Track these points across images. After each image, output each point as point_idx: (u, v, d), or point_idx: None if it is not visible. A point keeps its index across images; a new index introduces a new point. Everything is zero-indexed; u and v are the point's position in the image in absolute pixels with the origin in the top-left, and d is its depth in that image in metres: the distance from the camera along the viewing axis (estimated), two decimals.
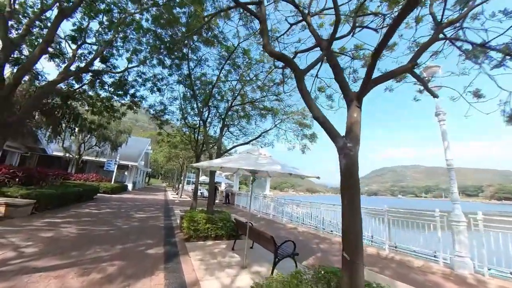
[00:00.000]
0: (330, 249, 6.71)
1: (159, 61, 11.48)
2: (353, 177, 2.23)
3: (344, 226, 2.23)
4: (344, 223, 2.22)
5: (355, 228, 2.16)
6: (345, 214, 2.22)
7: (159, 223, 8.48)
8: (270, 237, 4.12)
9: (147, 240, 5.99)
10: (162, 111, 13.23)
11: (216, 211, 8.17)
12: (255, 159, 4.22)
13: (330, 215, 10.00)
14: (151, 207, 13.37)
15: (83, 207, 10.35)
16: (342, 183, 2.27)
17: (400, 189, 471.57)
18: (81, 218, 7.84)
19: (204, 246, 5.88)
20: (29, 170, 10.84)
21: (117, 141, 22.69)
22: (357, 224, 2.15)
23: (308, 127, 9.88)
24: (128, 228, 7.20)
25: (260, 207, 14.35)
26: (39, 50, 7.00)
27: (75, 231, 6.14)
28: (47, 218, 7.34)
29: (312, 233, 9.14)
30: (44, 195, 8.13)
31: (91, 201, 13.10)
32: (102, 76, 11.91)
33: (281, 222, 11.22)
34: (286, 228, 10.02)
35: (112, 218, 8.46)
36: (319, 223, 11.21)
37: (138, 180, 34.04)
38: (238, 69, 8.55)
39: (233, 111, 10.23)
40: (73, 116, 14.11)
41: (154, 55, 11.29)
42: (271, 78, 8.28)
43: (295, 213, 12.90)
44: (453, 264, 5.30)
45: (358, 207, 2.19)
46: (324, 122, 2.48)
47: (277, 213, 13.01)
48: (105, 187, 18.36)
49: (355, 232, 2.16)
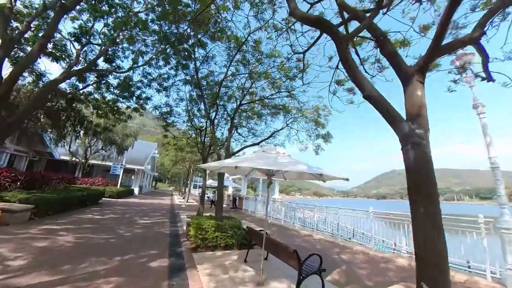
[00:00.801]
0: (353, 260, 5.98)
1: (165, 62, 11.10)
2: (428, 176, 1.58)
3: (419, 244, 1.57)
4: (420, 240, 1.57)
5: (437, 246, 1.49)
6: (420, 228, 1.57)
7: (164, 230, 7.90)
8: (293, 251, 3.45)
9: (150, 250, 5.39)
10: (168, 113, 12.80)
11: (225, 217, 7.54)
12: (274, 158, 3.59)
13: (348, 221, 9.25)
14: (157, 212, 12.84)
15: (86, 213, 9.88)
16: (412, 184, 1.61)
17: None
18: (82, 225, 7.33)
19: (213, 258, 5.25)
20: (31, 174, 10.48)
21: (123, 144, 22.42)
22: (439, 242, 1.49)
23: (322, 125, 9.19)
24: (131, 236, 6.63)
25: (270, 212, 13.63)
26: (38, 46, 6.59)
27: (73, 239, 5.61)
28: (46, 224, 6.85)
29: (330, 240, 8.39)
30: (44, 200, 7.68)
31: (96, 206, 12.67)
32: (106, 76, 11.58)
33: (294, 228, 10.49)
34: (300, 235, 9.29)
35: (114, 225, 7.93)
36: (335, 230, 10.44)
37: (144, 184, 33.79)
38: (248, 65, 7.97)
39: (242, 110, 9.65)
40: (78, 119, 13.84)
41: (160, 56, 10.91)
42: (285, 72, 7.65)
43: (307, 218, 12.16)
44: (505, 279, 4.50)
45: (439, 218, 1.53)
46: (380, 101, 1.85)
47: (289, 219, 12.28)
48: (111, 191, 17.99)
49: (437, 253, 1.50)
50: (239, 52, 7.49)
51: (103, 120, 16.04)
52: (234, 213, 15.33)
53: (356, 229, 10.48)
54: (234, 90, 9.65)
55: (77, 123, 14.12)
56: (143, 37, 11.05)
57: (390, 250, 8.10)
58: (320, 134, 9.07)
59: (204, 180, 13.40)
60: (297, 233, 9.68)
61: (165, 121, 12.94)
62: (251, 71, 8.31)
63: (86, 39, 9.44)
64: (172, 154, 24.97)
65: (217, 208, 7.24)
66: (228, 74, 8.15)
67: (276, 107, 8.95)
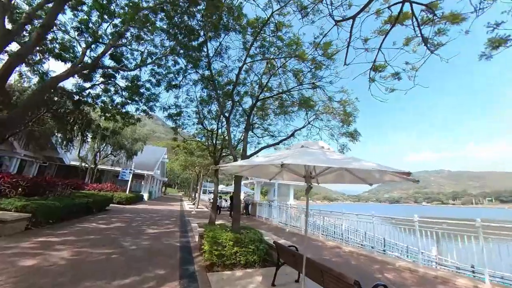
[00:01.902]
0: (405, 282, 4.85)
1: (174, 62, 10.46)
2: None
3: None
4: None
5: None
6: None
7: (174, 242, 6.99)
8: (354, 283, 2.44)
9: (157, 269, 4.48)
10: (178, 114, 12.11)
11: (243, 227, 6.56)
12: (323, 154, 2.63)
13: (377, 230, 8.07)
14: (166, 219, 12.00)
15: (91, 221, 9.14)
16: None
17: (424, 196, 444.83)
18: (83, 236, 6.53)
19: (233, 279, 4.27)
20: (35, 179, 9.88)
21: (132, 149, 21.96)
22: None
23: (348, 122, 8.13)
24: (136, 249, 5.75)
25: (287, 219, 12.54)
26: (36, 36, 5.96)
27: (68, 255, 4.77)
28: (42, 236, 6.08)
29: (363, 254, 7.23)
30: (43, 207, 6.96)
31: (103, 213, 11.97)
32: (114, 77, 10.99)
33: (318, 238, 9.36)
34: (327, 246, 8.18)
35: (119, 235, 7.09)
36: (367, 240, 9.26)
37: (154, 189, 33.33)
38: (268, 52, 7.05)
39: (258, 108, 8.74)
40: (85, 122, 13.34)
41: (169, 56, 10.26)
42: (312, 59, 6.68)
43: (330, 227, 11.01)
44: None
45: None
46: None
47: (310, 227, 11.15)
48: (119, 197, 17.38)
49: None
50: (260, 36, 6.59)
51: (112, 124, 15.59)
52: (247, 221, 14.33)
53: (388, 239, 9.31)
54: (250, 85, 8.77)
55: (84, 126, 13.64)
56: (151, 37, 10.48)
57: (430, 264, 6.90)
58: (347, 132, 8.01)
59: (215, 185, 12.51)
60: (322, 244, 8.57)
61: (174, 122, 12.26)
62: (270, 61, 7.41)
63: (90, 34, 8.86)
64: (182, 159, 24.32)
65: (234, 218, 6.28)
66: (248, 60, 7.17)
67: (296, 103, 7.97)
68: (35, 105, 6.35)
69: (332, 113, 8.21)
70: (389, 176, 3.31)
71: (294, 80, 7.81)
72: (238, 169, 3.72)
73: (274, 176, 4.68)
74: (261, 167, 4.09)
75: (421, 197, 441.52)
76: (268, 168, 4.23)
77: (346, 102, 7.87)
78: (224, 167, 3.49)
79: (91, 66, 8.50)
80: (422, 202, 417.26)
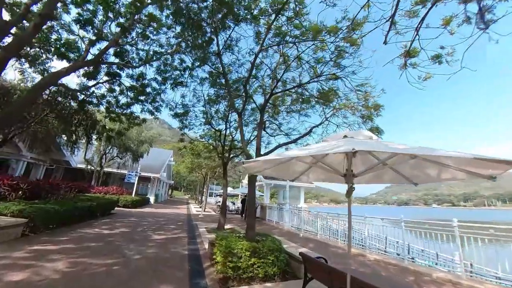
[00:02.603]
0: None
1: (180, 61, 10.01)
2: None
3: None
4: None
5: None
6: None
7: (181, 249, 6.37)
8: None
9: (164, 284, 3.86)
10: (184, 114, 11.62)
11: (258, 233, 5.90)
12: (382, 143, 1.97)
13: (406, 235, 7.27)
14: (173, 224, 11.43)
15: (94, 226, 8.62)
16: None
17: (434, 198, 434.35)
18: (84, 243, 5.98)
19: None
20: (37, 182, 9.46)
21: (138, 151, 21.60)
22: None
23: (370, 119, 7.42)
24: (140, 259, 5.15)
25: (300, 223, 11.80)
26: (33, 26, 5.49)
27: (64, 267, 4.19)
28: (39, 243, 5.55)
29: (392, 262, 6.47)
30: (42, 212, 6.45)
31: (107, 217, 11.48)
32: (119, 76, 10.56)
33: (337, 244, 8.60)
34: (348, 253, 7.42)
35: (123, 242, 6.52)
36: (391, 247, 8.47)
37: (161, 192, 32.96)
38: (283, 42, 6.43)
39: (271, 103, 8.12)
40: (90, 123, 12.95)
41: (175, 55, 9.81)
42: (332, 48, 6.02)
43: (344, 231, 10.20)
44: None
45: None
46: None
47: (325, 232, 10.39)
48: (125, 200, 16.94)
49: None
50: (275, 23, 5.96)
51: (118, 125, 15.21)
52: (257, 225, 13.61)
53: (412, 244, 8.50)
54: (262, 80, 8.15)
55: (89, 127, 13.26)
56: (156, 36, 10.07)
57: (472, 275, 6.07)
58: (370, 129, 7.28)
59: (224, 188, 11.90)
60: (343, 251, 7.81)
61: (181, 122, 11.78)
62: (284, 53, 6.78)
63: (93, 29, 8.42)
64: (188, 161, 23.84)
65: (248, 223, 5.61)
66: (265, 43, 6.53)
67: (314, 97, 7.29)
68: (32, 101, 5.86)
69: (352, 107, 7.50)
70: (451, 173, 2.63)
71: (310, 73, 7.15)
72: (263, 165, 3.09)
73: (298, 176, 4.02)
74: (288, 165, 3.44)
75: (430, 199, 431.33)
76: (295, 165, 3.58)
77: (369, 95, 7.16)
78: (251, 162, 2.83)
79: (93, 62, 8.03)
80: (432, 204, 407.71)
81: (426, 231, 6.32)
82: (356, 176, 2.83)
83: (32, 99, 6.00)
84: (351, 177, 2.78)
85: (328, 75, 6.41)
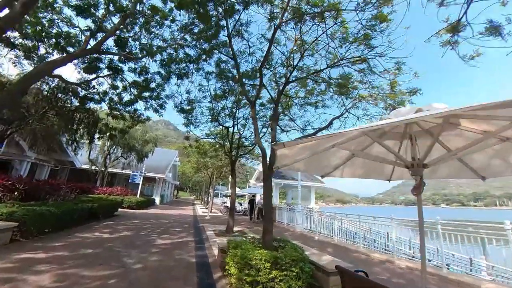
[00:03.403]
0: None
1: (185, 55, 9.39)
2: None
3: None
4: None
5: None
6: None
7: (188, 256, 5.68)
8: None
9: None
10: (190, 111, 11.03)
11: (276, 239, 5.15)
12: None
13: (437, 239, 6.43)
14: (179, 226, 10.77)
15: (94, 229, 8.02)
16: None
17: (442, 198, 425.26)
18: (79, 250, 5.34)
19: None
20: (36, 182, 8.94)
21: (143, 151, 21.10)
22: None
23: (402, 105, 6.59)
24: (142, 269, 4.47)
25: (314, 226, 11.01)
26: (21, 5, 4.89)
27: (49, 281, 3.54)
28: (28, 251, 4.92)
29: (429, 271, 5.64)
30: (35, 215, 5.84)
31: (109, 219, 10.90)
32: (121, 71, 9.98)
33: (359, 249, 7.79)
34: (373, 260, 6.64)
35: (123, 248, 5.87)
36: (423, 252, 7.60)
37: (166, 193, 32.52)
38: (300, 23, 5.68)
39: (284, 94, 7.37)
40: (92, 121, 12.43)
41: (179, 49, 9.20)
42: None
43: (370, 235, 9.40)
44: None
45: None
46: None
47: (343, 234, 9.58)
48: (129, 201, 16.41)
49: None
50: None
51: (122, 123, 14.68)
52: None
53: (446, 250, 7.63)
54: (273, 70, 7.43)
55: (91, 125, 12.74)
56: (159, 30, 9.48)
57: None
58: None
59: (232, 187, 11.21)
60: (367, 256, 7.01)
61: (186, 118, 11.18)
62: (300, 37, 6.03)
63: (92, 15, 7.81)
64: (194, 161, 23.27)
65: (265, 228, 4.85)
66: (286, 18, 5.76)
67: (335, 85, 6.51)
68: (22, 91, 5.27)
69: (376, 97, 6.70)
70: None
71: (329, 58, 6.37)
72: (298, 154, 2.35)
73: (330, 172, 3.27)
74: (324, 155, 2.70)
75: (439, 198, 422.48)
76: (333, 156, 2.85)
77: (395, 82, 6.35)
78: (288, 145, 2.06)
79: (91, 51, 7.43)
80: (440, 204, 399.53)
81: (469, 235, 5.49)
82: (427, 167, 2.06)
83: (23, 88, 5.40)
84: (419, 169, 2.03)
85: (353, 59, 5.62)
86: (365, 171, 3.37)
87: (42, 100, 10.37)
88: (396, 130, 2.65)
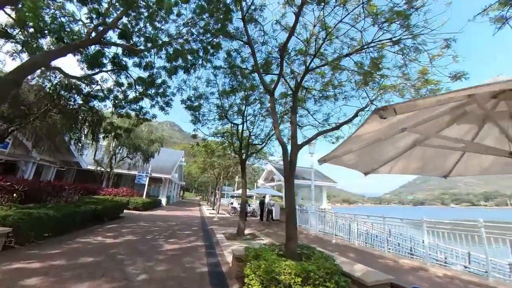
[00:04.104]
0: None
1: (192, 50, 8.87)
2: None
3: None
4: None
5: None
6: None
7: (199, 264, 5.09)
8: None
9: None
10: (197, 108, 10.53)
11: (300, 245, 4.50)
12: None
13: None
14: (187, 229, 10.22)
15: (97, 233, 7.51)
16: None
17: (451, 197, 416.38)
18: (78, 259, 4.80)
19: None
20: (37, 183, 8.50)
21: (148, 151, 20.70)
22: None
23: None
24: (147, 282, 3.89)
25: (331, 229, 10.32)
26: None
27: None
28: (20, 259, 4.40)
29: (472, 280, 4.92)
30: (31, 219, 5.33)
31: (114, 221, 10.42)
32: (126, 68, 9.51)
33: (384, 255, 7.08)
34: (403, 267, 5.92)
35: (127, 255, 5.31)
36: (452, 257, 6.89)
37: (172, 194, 32.15)
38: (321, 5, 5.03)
39: (302, 86, 6.73)
40: (96, 119, 11.99)
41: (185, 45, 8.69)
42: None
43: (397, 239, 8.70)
44: None
45: None
46: None
47: (363, 238, 8.88)
48: (135, 202, 15.97)
49: None
50: None
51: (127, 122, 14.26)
52: (278, 228, 12.19)
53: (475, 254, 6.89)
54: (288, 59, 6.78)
55: (95, 124, 12.31)
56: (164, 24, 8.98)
57: None
58: None
59: (243, 188, 10.60)
60: (395, 263, 6.30)
61: (193, 115, 10.68)
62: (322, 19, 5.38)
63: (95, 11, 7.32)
64: (200, 161, 22.80)
65: (289, 233, 4.20)
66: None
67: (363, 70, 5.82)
68: (15, 83, 4.78)
69: (403, 87, 6.01)
70: None
71: (354, 42, 5.71)
72: (358, 143, 1.73)
73: (377, 168, 2.63)
74: (378, 147, 2.07)
75: (448, 198, 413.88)
76: (389, 147, 2.21)
77: (426, 70, 5.64)
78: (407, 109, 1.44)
79: (92, 41, 6.92)
80: (449, 204, 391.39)
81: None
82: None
83: (17, 79, 4.90)
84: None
85: (385, 41, 4.94)
86: (421, 165, 2.71)
87: (44, 98, 9.97)
88: (477, 112, 1.99)
